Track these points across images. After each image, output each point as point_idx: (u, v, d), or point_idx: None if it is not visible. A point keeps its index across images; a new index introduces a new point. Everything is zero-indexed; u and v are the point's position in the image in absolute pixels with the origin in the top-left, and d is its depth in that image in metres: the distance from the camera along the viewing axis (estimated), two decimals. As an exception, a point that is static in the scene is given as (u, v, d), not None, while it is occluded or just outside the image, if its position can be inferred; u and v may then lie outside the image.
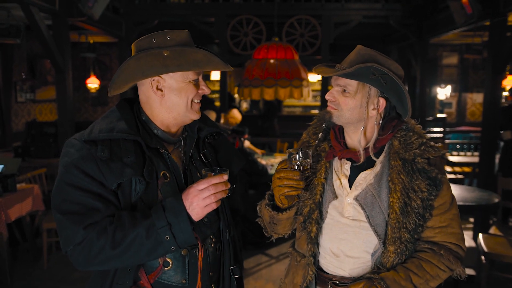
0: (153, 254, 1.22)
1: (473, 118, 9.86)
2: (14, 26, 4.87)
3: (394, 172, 1.40)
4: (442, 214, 1.42)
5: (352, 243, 1.44)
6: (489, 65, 5.37)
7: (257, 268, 4.25)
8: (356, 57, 1.39)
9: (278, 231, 1.58)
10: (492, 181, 5.11)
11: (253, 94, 5.04)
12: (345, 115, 1.41)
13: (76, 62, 8.37)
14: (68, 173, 1.24)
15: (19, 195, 4.03)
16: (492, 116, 5.36)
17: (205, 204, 1.21)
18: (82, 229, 1.19)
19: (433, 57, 9.34)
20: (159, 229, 1.19)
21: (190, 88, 1.35)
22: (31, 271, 4.23)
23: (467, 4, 5.19)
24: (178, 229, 1.20)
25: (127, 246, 1.19)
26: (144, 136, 1.35)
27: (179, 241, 1.21)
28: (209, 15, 7.21)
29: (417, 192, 1.38)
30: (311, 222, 1.47)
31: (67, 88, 5.17)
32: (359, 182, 1.45)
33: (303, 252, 1.52)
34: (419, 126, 1.49)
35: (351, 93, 1.39)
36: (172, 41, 1.32)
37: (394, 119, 1.45)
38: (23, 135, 6.86)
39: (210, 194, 1.20)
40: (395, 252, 1.37)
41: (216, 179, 1.22)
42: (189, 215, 1.22)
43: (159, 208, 1.22)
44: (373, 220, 1.41)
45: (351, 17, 7.14)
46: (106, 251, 1.19)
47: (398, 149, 1.42)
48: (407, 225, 1.37)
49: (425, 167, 1.40)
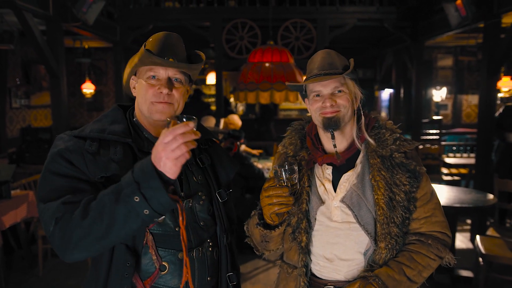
0: (129, 222, 1.09)
1: (468, 120, 9.89)
2: (8, 31, 4.84)
3: (374, 170, 1.43)
4: (425, 205, 1.45)
5: (344, 245, 1.45)
6: (484, 67, 5.39)
7: (255, 272, 4.23)
8: (333, 59, 1.44)
9: (270, 248, 1.58)
10: (489, 183, 5.11)
11: (249, 98, 5.04)
12: (348, 113, 1.44)
13: (71, 67, 8.34)
14: (53, 161, 1.23)
15: (14, 202, 3.99)
16: (487, 118, 5.38)
17: (175, 156, 1.05)
18: (61, 204, 1.14)
19: (428, 59, 9.36)
20: (126, 189, 1.07)
21: (145, 86, 1.34)
22: (26, 278, 4.19)
23: (461, 6, 5.21)
24: (147, 187, 1.06)
25: (99, 216, 1.09)
26: (136, 140, 1.35)
27: (151, 203, 1.06)
28: (204, 19, 7.21)
29: (399, 186, 1.41)
30: (300, 231, 1.47)
31: (61, 94, 5.15)
32: (343, 184, 1.47)
33: (294, 263, 1.52)
34: (390, 122, 1.54)
35: (346, 90, 1.43)
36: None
37: (366, 117, 1.51)
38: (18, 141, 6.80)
39: (178, 144, 1.04)
40: (386, 248, 1.40)
41: (180, 128, 1.05)
42: (162, 173, 1.07)
43: (129, 172, 1.12)
44: (361, 219, 1.42)
45: (346, 21, 7.15)
46: (79, 225, 1.10)
47: (375, 148, 1.46)
48: (394, 220, 1.40)
49: (403, 160, 1.44)
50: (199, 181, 1.42)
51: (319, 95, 1.44)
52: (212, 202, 1.45)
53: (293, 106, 11.73)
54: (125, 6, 7.06)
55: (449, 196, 3.76)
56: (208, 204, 1.43)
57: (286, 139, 1.62)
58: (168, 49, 1.33)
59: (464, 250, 4.87)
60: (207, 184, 1.45)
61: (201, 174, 1.45)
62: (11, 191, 4.03)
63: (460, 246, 5.00)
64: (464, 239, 5.26)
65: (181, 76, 1.36)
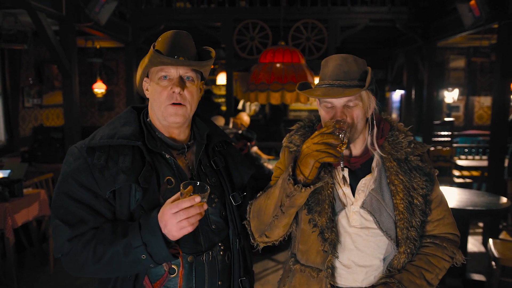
0: (135, 270, 1.25)
1: (481, 122, 9.77)
2: (22, 32, 4.89)
3: (392, 174, 1.41)
4: (438, 207, 1.45)
5: (363, 252, 1.40)
6: (498, 68, 5.31)
7: (264, 273, 4.22)
8: (349, 67, 1.35)
9: (274, 231, 1.42)
10: (501, 186, 5.04)
11: (260, 99, 5.03)
12: (358, 128, 1.39)
13: (82, 67, 8.40)
14: (65, 182, 1.28)
15: (26, 200, 4.03)
16: (501, 120, 5.30)
17: (179, 227, 1.16)
18: (67, 241, 1.22)
19: (440, 60, 9.27)
20: (135, 248, 1.19)
21: (158, 89, 1.33)
22: (37, 276, 4.23)
23: (475, 7, 5.14)
24: (154, 248, 1.18)
25: (108, 262, 1.21)
26: (148, 140, 1.34)
27: (156, 259, 1.20)
28: (215, 20, 7.22)
29: (417, 190, 1.39)
30: (330, 231, 1.40)
31: (73, 93, 5.18)
32: (361, 189, 1.42)
33: (317, 266, 1.43)
34: (401, 124, 1.51)
35: (359, 103, 1.37)
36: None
37: (380, 121, 1.46)
38: (30, 140, 6.89)
39: (183, 218, 1.15)
40: (405, 253, 1.38)
41: (186, 202, 1.14)
42: (165, 235, 1.19)
43: (136, 226, 1.21)
44: (383, 225, 1.39)
45: (357, 21, 7.10)
46: (89, 264, 1.22)
47: (390, 150, 1.43)
48: (413, 223, 1.38)
49: (420, 164, 1.43)
50: (212, 183, 1.41)
51: (331, 106, 1.38)
52: (225, 205, 1.43)
53: (303, 107, 11.67)
54: (136, 6, 7.10)
55: (461, 199, 3.71)
56: (221, 207, 1.41)
57: (294, 135, 1.53)
58: (177, 48, 1.32)
59: (476, 254, 4.81)
60: (220, 186, 1.44)
61: (215, 177, 1.44)
62: (23, 190, 4.07)
63: (472, 250, 4.94)
64: (476, 242, 5.20)
65: (192, 74, 1.35)
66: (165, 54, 1.30)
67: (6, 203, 3.76)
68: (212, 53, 1.42)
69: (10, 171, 4.09)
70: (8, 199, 3.84)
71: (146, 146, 1.33)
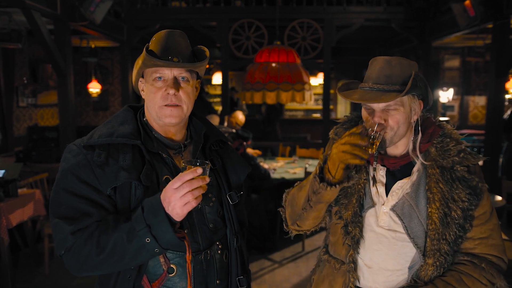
0: (139, 257, 1.18)
1: (475, 121, 9.82)
2: (16, 30, 4.87)
3: (432, 181, 1.33)
4: (482, 225, 1.35)
5: (386, 254, 1.37)
6: (492, 68, 5.35)
7: (260, 273, 4.21)
8: (392, 70, 1.31)
9: (305, 222, 1.44)
10: (496, 185, 5.07)
11: (255, 98, 5.04)
12: (399, 133, 1.34)
13: (77, 66, 8.36)
14: (64, 178, 1.25)
15: (21, 200, 4.00)
16: (495, 119, 5.34)
17: (183, 202, 1.12)
18: (70, 235, 1.19)
19: (435, 60, 9.30)
20: (138, 231, 1.15)
21: (153, 90, 1.32)
22: (32, 277, 4.20)
23: (469, 7, 5.17)
24: (159, 231, 1.14)
25: (111, 251, 1.17)
26: (145, 140, 1.34)
27: (161, 243, 1.15)
28: (211, 19, 7.21)
29: (457, 202, 1.31)
30: (354, 226, 1.38)
31: (68, 93, 5.16)
32: (395, 191, 1.38)
33: (341, 258, 1.43)
34: (456, 132, 1.41)
35: (401, 108, 1.31)
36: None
37: (431, 126, 1.40)
38: (25, 139, 6.85)
39: (186, 192, 1.11)
40: (433, 265, 1.31)
41: (188, 175, 1.12)
42: (169, 215, 1.15)
43: (139, 209, 1.18)
44: (411, 231, 1.34)
45: (353, 20, 7.12)
46: (92, 257, 1.18)
47: (435, 157, 1.36)
48: (447, 237, 1.30)
49: (465, 175, 1.33)
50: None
51: (370, 109, 1.34)
52: (223, 204, 1.43)
53: (299, 107, 11.67)
54: (132, 5, 7.08)
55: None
56: (218, 206, 1.41)
57: (340, 128, 1.52)
58: (171, 49, 1.30)
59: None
60: (217, 186, 1.44)
61: (212, 176, 1.43)
62: (18, 190, 4.05)
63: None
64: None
65: (187, 74, 1.34)
66: (158, 55, 1.29)
67: (1, 203, 3.74)
68: (206, 52, 1.40)
69: (4, 171, 4.06)
70: (2, 199, 3.81)
71: (145, 145, 1.33)
